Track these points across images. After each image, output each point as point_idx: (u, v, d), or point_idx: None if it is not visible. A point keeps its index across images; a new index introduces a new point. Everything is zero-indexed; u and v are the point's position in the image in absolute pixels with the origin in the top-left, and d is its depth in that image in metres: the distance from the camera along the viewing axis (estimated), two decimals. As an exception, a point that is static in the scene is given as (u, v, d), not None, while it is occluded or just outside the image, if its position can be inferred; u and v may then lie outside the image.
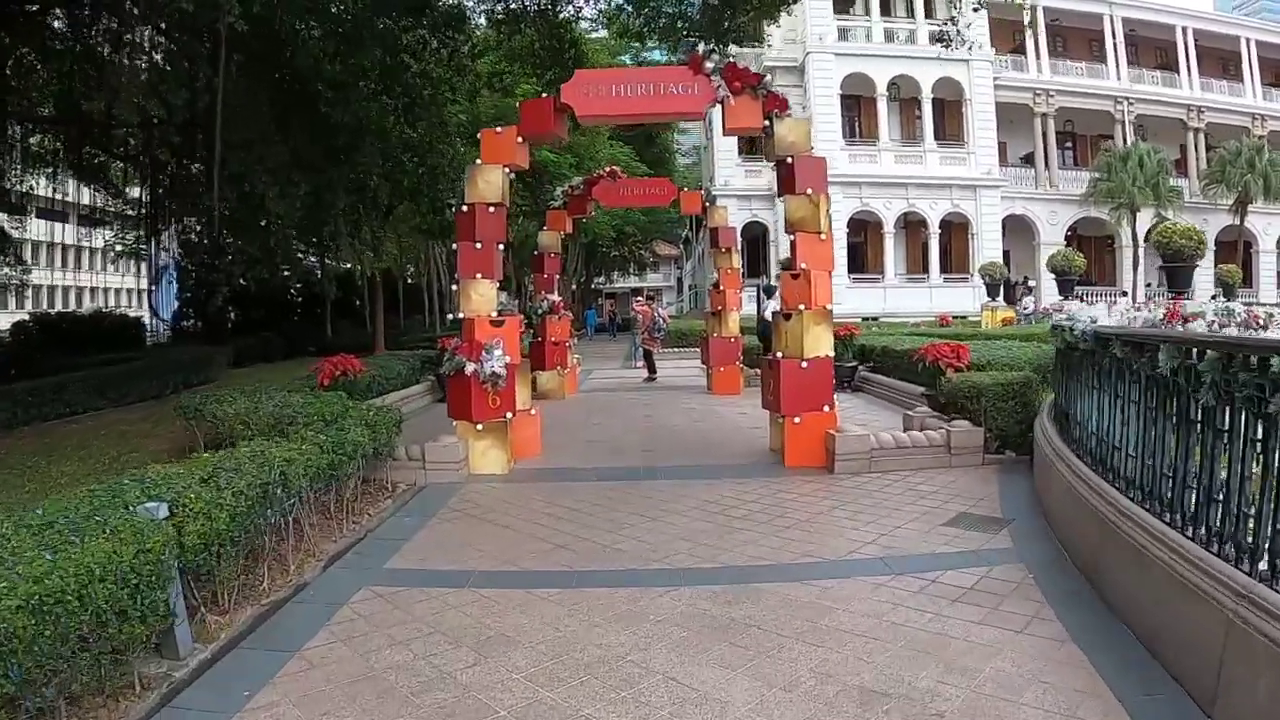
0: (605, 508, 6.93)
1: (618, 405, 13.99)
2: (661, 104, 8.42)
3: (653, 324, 18.45)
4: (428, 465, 8.09)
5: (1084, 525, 5.31)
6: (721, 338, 15.27)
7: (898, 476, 7.87)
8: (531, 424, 9.26)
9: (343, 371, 10.35)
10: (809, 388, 8.21)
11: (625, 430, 11.04)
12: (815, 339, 8.23)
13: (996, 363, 10.36)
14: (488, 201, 8.56)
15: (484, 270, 8.49)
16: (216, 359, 21.46)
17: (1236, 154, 36.73)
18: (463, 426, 8.35)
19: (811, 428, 8.21)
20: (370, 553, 6.02)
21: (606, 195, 15.12)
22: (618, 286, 79.26)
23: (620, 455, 9.21)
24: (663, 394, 15.44)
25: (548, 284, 15.33)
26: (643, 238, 56.44)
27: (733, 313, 15.48)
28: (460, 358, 8.14)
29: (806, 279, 8.24)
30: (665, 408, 13.34)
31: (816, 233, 8.34)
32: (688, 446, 9.64)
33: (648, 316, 18.73)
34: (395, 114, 15.20)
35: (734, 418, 11.90)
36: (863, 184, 34.89)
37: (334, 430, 6.62)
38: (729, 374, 15.12)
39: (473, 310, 8.46)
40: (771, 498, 7.15)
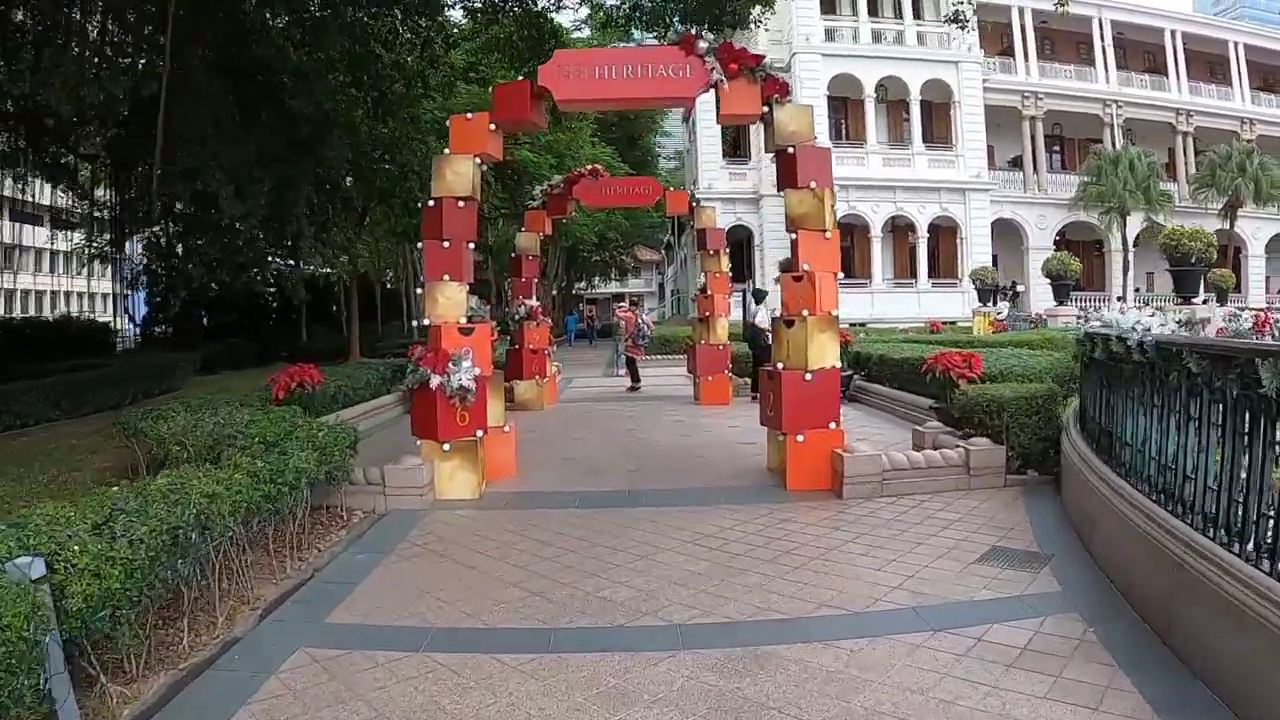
0: (587, 542, 6.09)
1: (600, 417, 13.16)
2: (650, 88, 7.61)
3: (637, 331, 17.59)
4: (388, 490, 7.24)
5: (1147, 567, 4.54)
6: (709, 345, 14.47)
7: (913, 501, 7.09)
8: (505, 442, 8.41)
9: (299, 383, 9.47)
10: (813, 402, 7.40)
11: (608, 446, 10.19)
12: (820, 348, 7.42)
13: (1009, 373, 9.63)
14: (457, 195, 7.73)
15: (452, 271, 7.65)
16: (180, 366, 20.48)
17: (1227, 157, 36.38)
18: (428, 446, 7.50)
19: (816, 447, 7.41)
20: (314, 600, 5.16)
21: (588, 194, 14.31)
22: (599, 292, 78.69)
23: (603, 476, 8.37)
24: (647, 405, 14.63)
25: (526, 288, 14.49)
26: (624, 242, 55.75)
27: (721, 319, 14.70)
28: (424, 370, 7.29)
29: (810, 281, 7.44)
30: (650, 420, 12.52)
31: (821, 230, 7.55)
32: (676, 466, 8.81)
33: (631, 323, 17.87)
34: (364, 108, 14.34)
35: (725, 431, 11.10)
36: (850, 186, 34.09)
37: (274, 456, 5.75)
38: (717, 383, 14.34)
39: (439, 316, 7.61)
40: (775, 528, 6.34)
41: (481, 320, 7.81)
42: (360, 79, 13.72)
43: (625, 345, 18.31)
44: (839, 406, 7.62)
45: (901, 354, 12.72)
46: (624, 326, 18.55)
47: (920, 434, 8.63)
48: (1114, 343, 5.68)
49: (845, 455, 7.17)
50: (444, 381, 7.20)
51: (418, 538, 6.39)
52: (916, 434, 8.73)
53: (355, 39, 13.10)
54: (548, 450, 9.99)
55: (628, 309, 19.46)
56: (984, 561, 5.58)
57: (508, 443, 8.45)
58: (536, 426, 12.07)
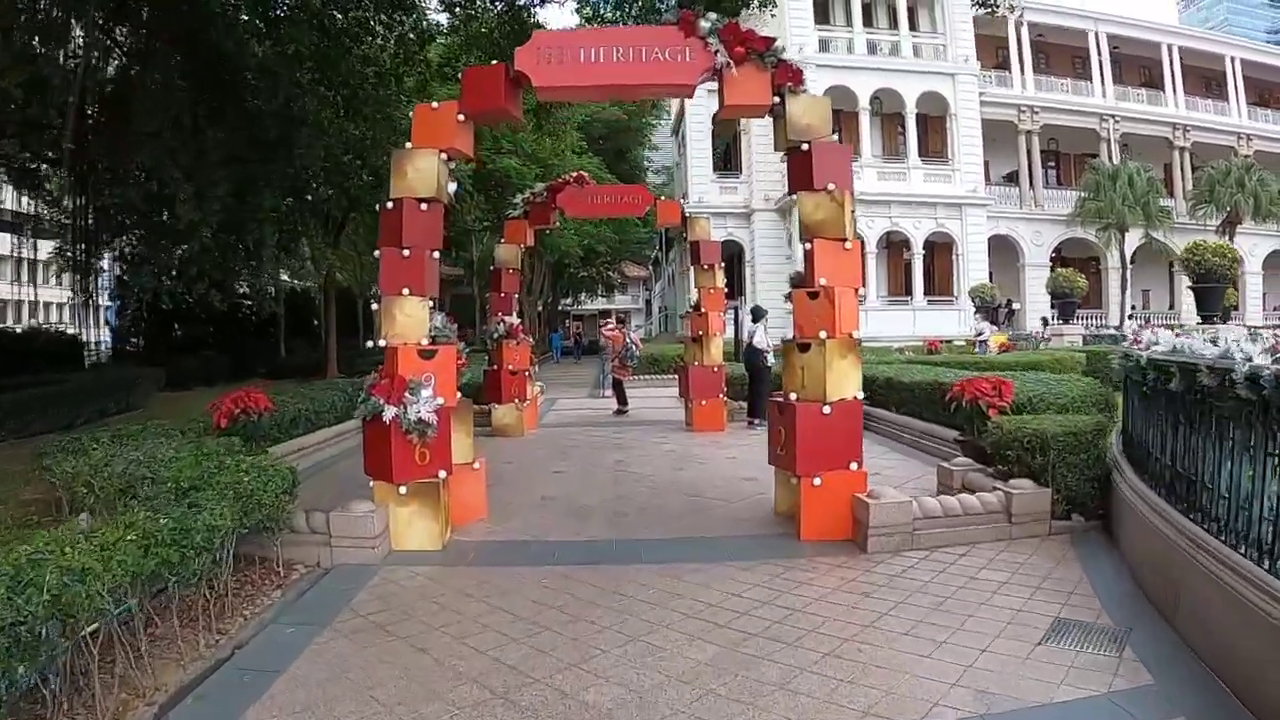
0: (567, 614, 5.01)
1: (584, 445, 12.09)
2: (643, 73, 6.62)
3: (625, 350, 16.46)
4: (335, 541, 6.16)
5: (1272, 659, 3.54)
6: (703, 367, 13.45)
7: (949, 556, 6.08)
8: (474, 481, 7.34)
9: (243, 410, 8.38)
10: (832, 439, 6.37)
11: (593, 481, 9.11)
12: (841, 376, 6.40)
13: (1040, 401, 8.66)
14: (419, 196, 6.70)
15: (413, 284, 6.60)
16: (142, 383, 19.32)
17: (1225, 173, 35.75)
18: (382, 489, 6.43)
19: (835, 491, 6.37)
20: (223, 695, 4.09)
21: (573, 204, 13.28)
22: (585, 308, 78.03)
23: (585, 521, 7.30)
24: (636, 431, 13.58)
25: (505, 304, 13.46)
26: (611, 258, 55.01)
27: (716, 338, 13.68)
28: (377, 399, 6.23)
29: (828, 298, 6.42)
30: (640, 449, 11.47)
31: (840, 239, 6.55)
32: (671, 508, 7.73)
33: (619, 342, 16.70)
34: (334, 107, 13.31)
35: (723, 464, 10.07)
36: None
37: (179, 511, 4.67)
38: (712, 408, 13.31)
39: (397, 336, 6.56)
40: (794, 595, 5.29)
41: (447, 341, 6.75)
42: (330, 77, 12.70)
43: (612, 365, 17.20)
44: (861, 444, 6.59)
45: (912, 377, 11.71)
46: (611, 347, 17.44)
47: (947, 472, 7.63)
48: (1203, 374, 4.69)
49: (870, 502, 6.14)
50: (400, 414, 6.14)
51: (364, 604, 5.31)
52: (943, 472, 7.72)
53: (324, 32, 12.10)
54: (526, 486, 8.92)
55: (614, 327, 18.29)
56: (1052, 640, 4.56)
57: (478, 481, 7.39)
58: (515, 456, 11.02)
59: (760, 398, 13.52)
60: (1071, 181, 39.79)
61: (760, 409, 13.48)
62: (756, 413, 13.49)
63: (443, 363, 6.55)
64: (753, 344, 13.38)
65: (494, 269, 13.77)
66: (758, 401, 13.52)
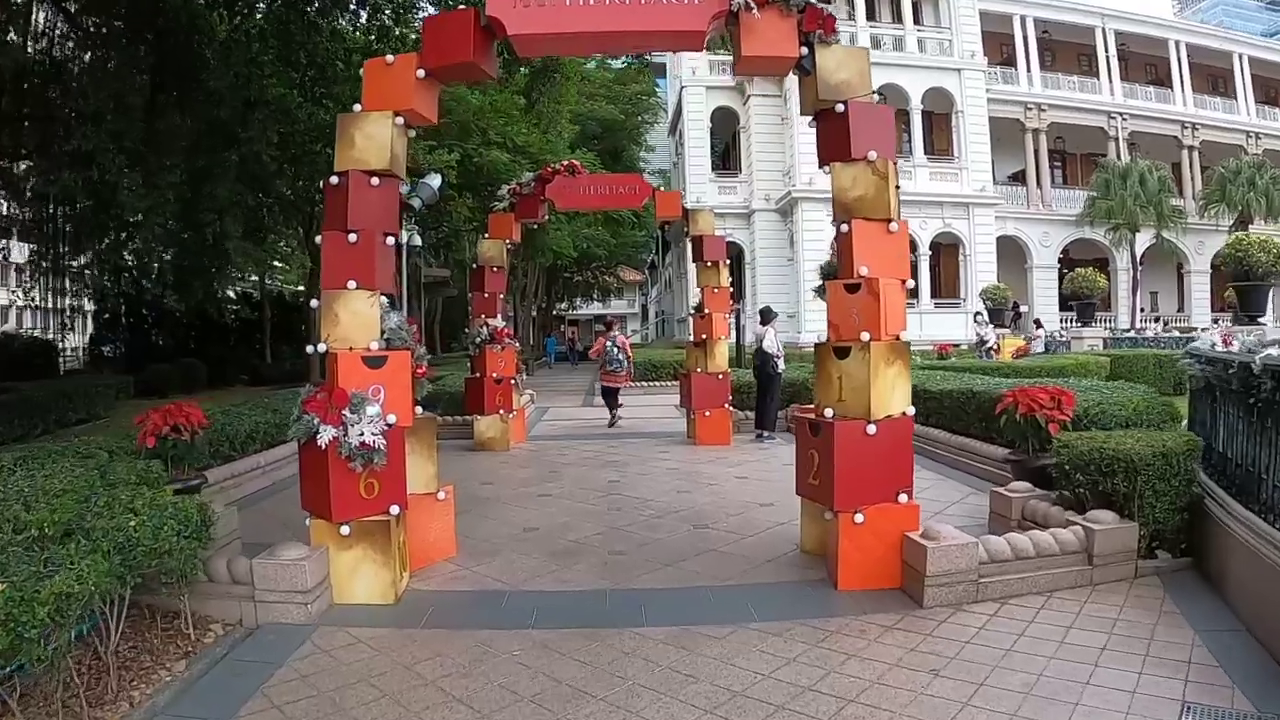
0: (547, 710, 3.77)
1: (575, 462, 10.84)
2: (641, 18, 5.36)
3: (606, 356, 15.03)
4: (260, 594, 4.93)
5: None
6: (707, 374, 12.19)
7: (1026, 610, 4.87)
8: (439, 515, 6.09)
9: (173, 427, 7.10)
10: (879, 466, 5.14)
11: (583, 508, 7.83)
12: (888, 387, 5.16)
13: (1101, 413, 7.47)
14: (370, 168, 5.48)
15: (360, 276, 5.37)
16: (104, 392, 18.03)
17: (1236, 172, 34.58)
18: (320, 529, 5.19)
19: (881, 529, 5.15)
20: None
21: (564, 195, 12.05)
22: (580, 313, 76.96)
23: (575, 562, 6.03)
24: (633, 444, 12.33)
25: (489, 305, 12.19)
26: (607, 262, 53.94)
27: (721, 342, 12.42)
28: (310, 417, 4.99)
29: (871, 292, 5.19)
30: (638, 467, 10.22)
31: (884, 220, 5.33)
32: (675, 544, 6.47)
33: (598, 350, 15.38)
34: (299, 87, 12.05)
35: (733, 486, 8.83)
36: None
37: (27, 572, 3.43)
38: (717, 420, 12.07)
39: (339, 340, 5.32)
40: (841, 676, 4.04)
41: (402, 346, 5.50)
42: (294, 54, 11.43)
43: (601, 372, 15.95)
44: (912, 471, 5.36)
45: (939, 385, 10.48)
46: None
47: (1003, 499, 6.40)
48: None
49: (927, 545, 4.90)
50: (339, 436, 4.91)
51: (282, 688, 4.07)
52: (998, 499, 6.49)
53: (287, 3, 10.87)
54: (506, 512, 7.65)
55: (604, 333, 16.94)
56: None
57: (443, 513, 6.13)
58: (497, 475, 9.78)
59: (770, 408, 12.33)
60: (1079, 181, 38.64)
61: (769, 420, 12.29)
62: (765, 424, 12.28)
63: (394, 372, 5.29)
64: (762, 349, 12.15)
65: (476, 266, 12.52)
66: (767, 412, 12.32)
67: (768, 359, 12.07)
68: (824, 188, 22.89)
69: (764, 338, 12.15)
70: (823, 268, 6.47)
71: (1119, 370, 17.39)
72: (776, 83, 34.25)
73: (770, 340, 12.14)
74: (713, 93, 36.55)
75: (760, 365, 12.15)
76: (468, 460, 10.99)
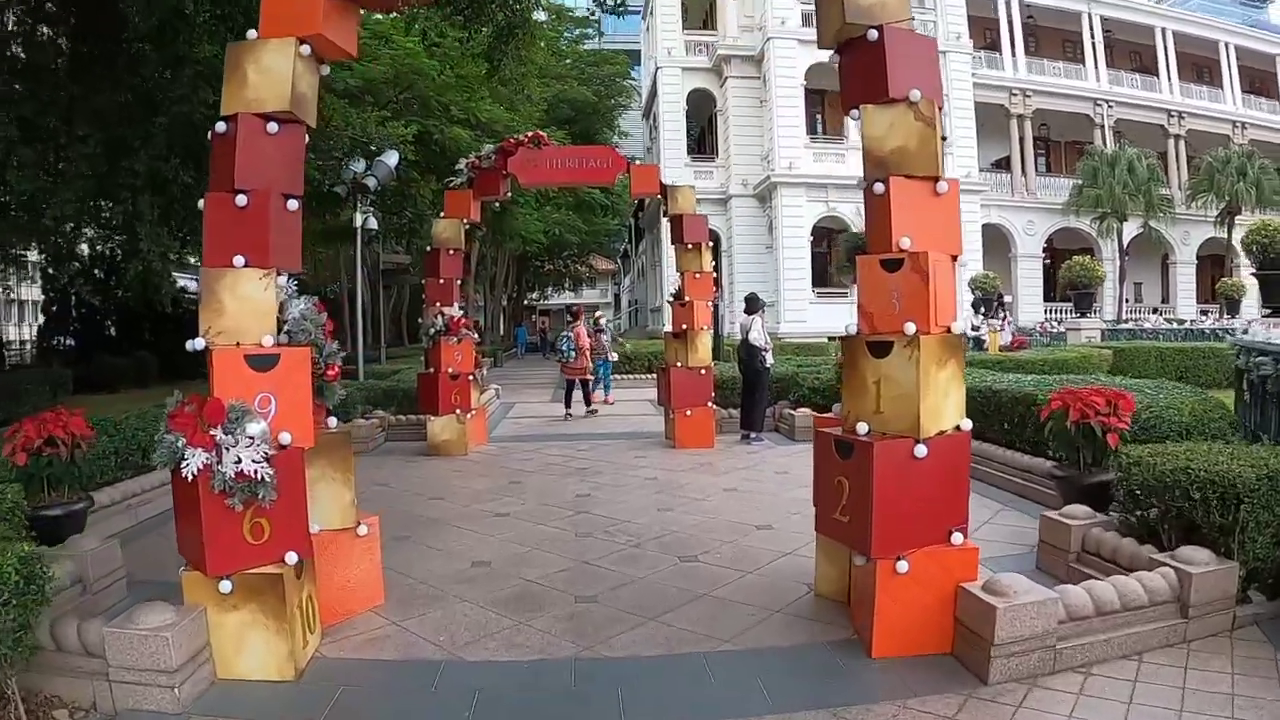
0: None
1: (540, 469, 9.58)
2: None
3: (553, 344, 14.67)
4: (115, 672, 3.69)
5: None
6: (688, 369, 10.98)
7: (1116, 684, 3.77)
8: (361, 555, 4.81)
9: (47, 440, 5.77)
10: (928, 497, 3.94)
11: (547, 533, 6.54)
12: (940, 395, 3.96)
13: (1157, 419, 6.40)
14: (266, 111, 4.21)
15: (251, 250, 4.10)
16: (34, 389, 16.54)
17: (1225, 161, 33.90)
18: (195, 583, 3.91)
19: (928, 578, 3.97)
20: None
21: (528, 169, 10.75)
22: (552, 303, 75.97)
23: (532, 614, 4.75)
24: (606, 447, 11.10)
25: (445, 293, 10.91)
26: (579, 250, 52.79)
27: (703, 333, 11.20)
28: (175, 437, 3.73)
29: (918, 270, 3.99)
30: (611, 476, 8.98)
31: (930, 178, 4.15)
32: (658, 585, 5.21)
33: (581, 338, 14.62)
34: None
35: (721, 500, 7.63)
36: (829, 186, 30.88)
37: None
38: (699, 420, 10.87)
39: (225, 333, 4.06)
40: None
41: (305, 342, 4.25)
42: (227, 9, 10.04)
43: None
44: (967, 502, 4.17)
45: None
46: None
47: (1057, 527, 5.25)
48: None
49: (995, 603, 3.72)
50: (211, 463, 3.66)
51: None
52: (1050, 527, 5.34)
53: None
54: (452, 540, 6.37)
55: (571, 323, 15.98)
56: None
57: (366, 553, 4.86)
58: (448, 488, 8.53)
59: (757, 406, 11.17)
60: (1063, 169, 37.95)
61: (757, 419, 11.14)
62: (752, 424, 11.12)
63: (288, 376, 4.03)
64: (749, 341, 10.98)
65: (430, 250, 11.22)
66: (754, 411, 11.15)
67: (755, 352, 10.92)
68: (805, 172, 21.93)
69: (750, 329, 10.99)
70: (845, 238, 5.15)
71: (1122, 364, 16.48)
72: (755, 64, 33.09)
73: (757, 331, 10.99)
74: (689, 74, 35.25)
75: (747, 359, 10.99)
76: (418, 468, 9.74)
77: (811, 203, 31.15)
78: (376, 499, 7.86)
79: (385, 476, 9.18)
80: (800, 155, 31.11)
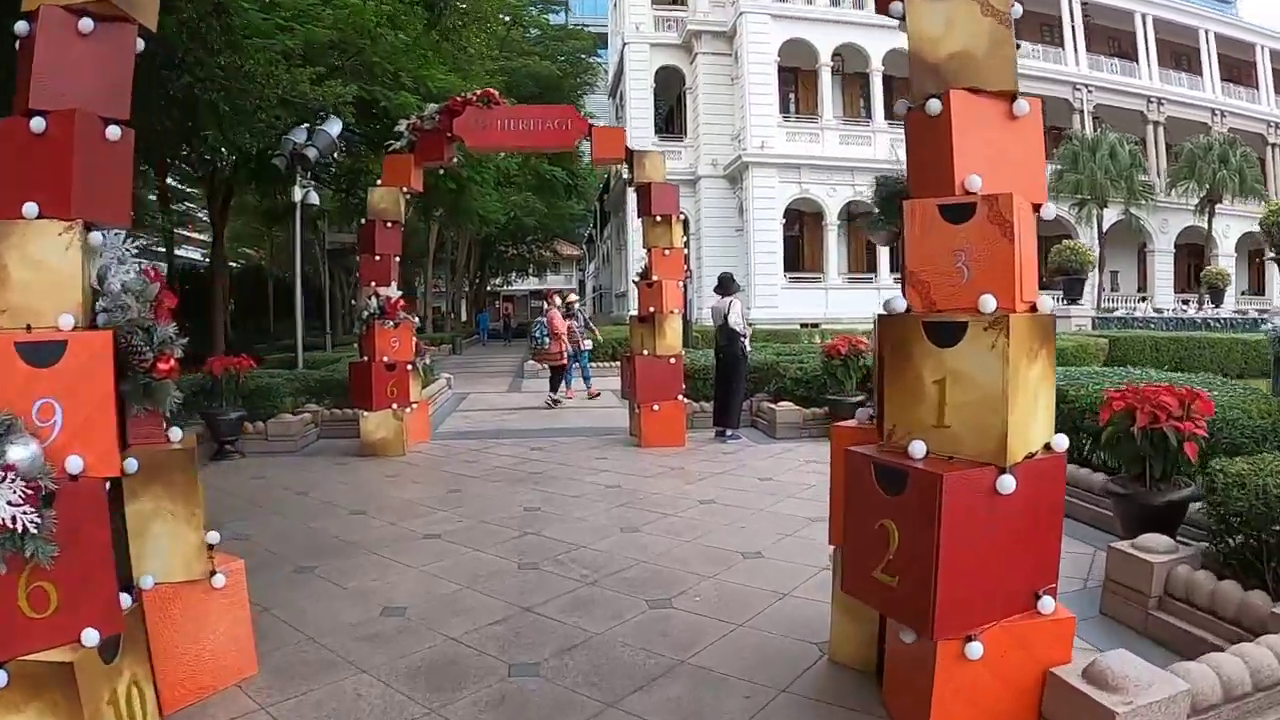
0: None
1: (485, 474, 8.33)
2: None
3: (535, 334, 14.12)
4: None
5: None
6: (656, 358, 9.79)
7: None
8: (218, 613, 3.52)
9: None
10: (1012, 551, 2.77)
11: (482, 566, 5.27)
12: (1030, 401, 2.77)
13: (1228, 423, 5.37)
14: (78, 2, 2.99)
15: (48, 194, 2.88)
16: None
17: (1207, 148, 33.33)
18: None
19: (1007, 664, 2.80)
20: None
21: (476, 132, 9.46)
22: (517, 289, 75.20)
23: (449, 695, 3.47)
24: (563, 446, 9.91)
25: (381, 271, 9.62)
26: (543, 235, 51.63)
27: (672, 317, 9.96)
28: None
29: (997, 219, 2.79)
30: (566, 483, 7.76)
31: (1005, 95, 2.99)
32: (621, 648, 3.97)
33: None
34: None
35: (697, 516, 6.45)
36: (802, 166, 30.08)
37: None
38: (667, 415, 9.71)
39: (4, 311, 2.84)
40: None
41: (122, 323, 3.02)
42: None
43: None
44: (1059, 554, 3.02)
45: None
46: None
47: (1132, 563, 4.15)
48: None
49: (1112, 703, 2.59)
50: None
51: None
52: (1123, 564, 4.22)
53: None
54: (365, 573, 5.10)
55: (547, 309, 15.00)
56: None
57: (226, 610, 3.58)
58: (374, 498, 7.28)
59: (734, 399, 10.05)
60: (1040, 155, 37.13)
61: (734, 414, 10.03)
62: (729, 420, 10.00)
63: (80, 373, 2.78)
64: (727, 325, 9.82)
65: (365, 222, 9.94)
66: (730, 405, 10.03)
67: (735, 337, 9.77)
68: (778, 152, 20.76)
69: (729, 311, 9.83)
70: (881, 183, 3.86)
71: (1116, 354, 15.68)
72: (726, 40, 31.94)
73: (737, 314, 9.85)
74: (657, 50, 34.05)
75: (725, 345, 9.83)
76: (346, 472, 8.48)
77: (784, 184, 30.21)
78: (288, 513, 6.68)
79: (307, 482, 7.93)
80: (773, 134, 30.12)
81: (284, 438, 9.81)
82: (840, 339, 10.23)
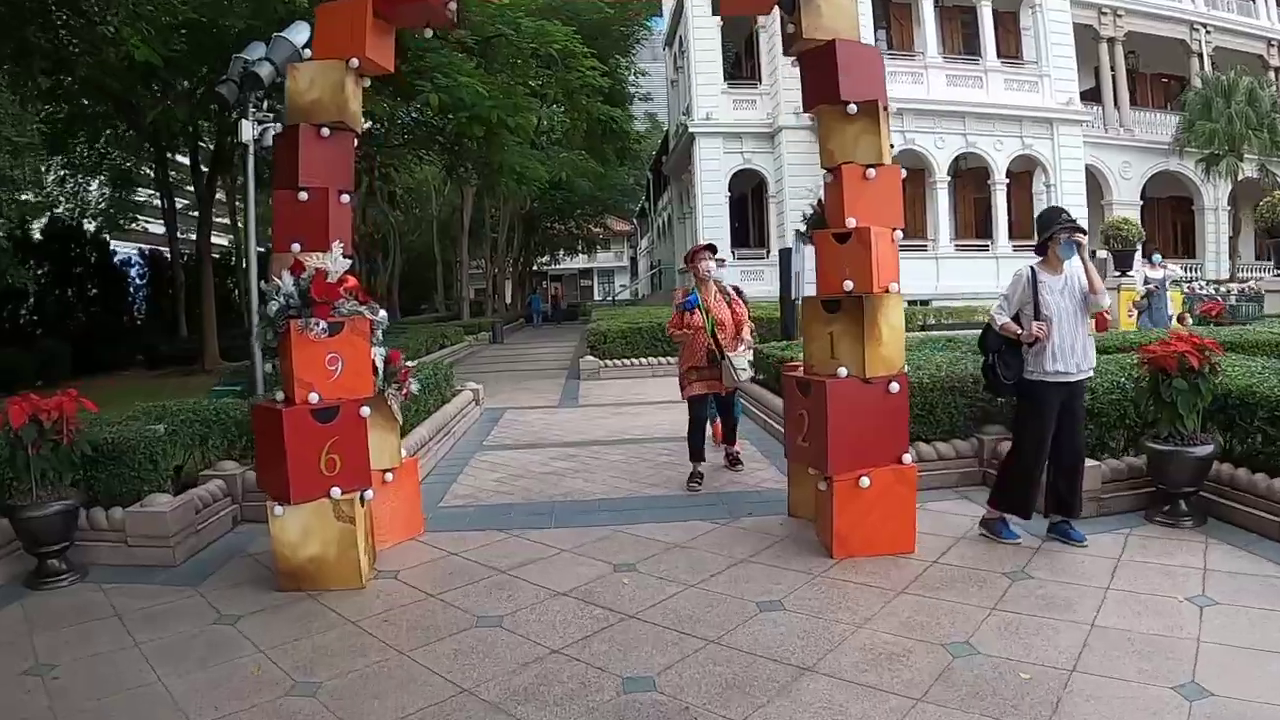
0: None
1: (527, 663, 4.60)
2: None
3: None
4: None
5: None
6: (861, 383, 6.18)
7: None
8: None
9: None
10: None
11: None
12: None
13: None
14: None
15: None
16: None
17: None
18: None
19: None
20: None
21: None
22: (564, 268, 77.74)
23: None
24: (664, 547, 6.54)
25: (310, 223, 6.26)
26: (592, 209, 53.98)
27: (890, 300, 6.25)
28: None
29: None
30: (716, 691, 4.15)
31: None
32: None
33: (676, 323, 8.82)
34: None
35: None
36: (905, 112, 30.02)
37: None
38: (885, 495, 6.21)
39: None
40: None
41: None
42: None
43: None
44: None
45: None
46: None
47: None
48: None
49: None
50: None
51: None
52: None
53: None
54: None
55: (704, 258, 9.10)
56: None
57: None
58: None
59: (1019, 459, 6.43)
60: (1150, 104, 38.70)
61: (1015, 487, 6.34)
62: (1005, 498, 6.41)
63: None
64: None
65: (283, 129, 7.08)
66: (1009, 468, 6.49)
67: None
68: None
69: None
70: None
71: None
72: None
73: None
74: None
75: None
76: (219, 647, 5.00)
77: (889, 131, 31.72)
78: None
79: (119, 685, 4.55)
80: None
81: (154, 542, 6.66)
82: (1174, 340, 6.74)
